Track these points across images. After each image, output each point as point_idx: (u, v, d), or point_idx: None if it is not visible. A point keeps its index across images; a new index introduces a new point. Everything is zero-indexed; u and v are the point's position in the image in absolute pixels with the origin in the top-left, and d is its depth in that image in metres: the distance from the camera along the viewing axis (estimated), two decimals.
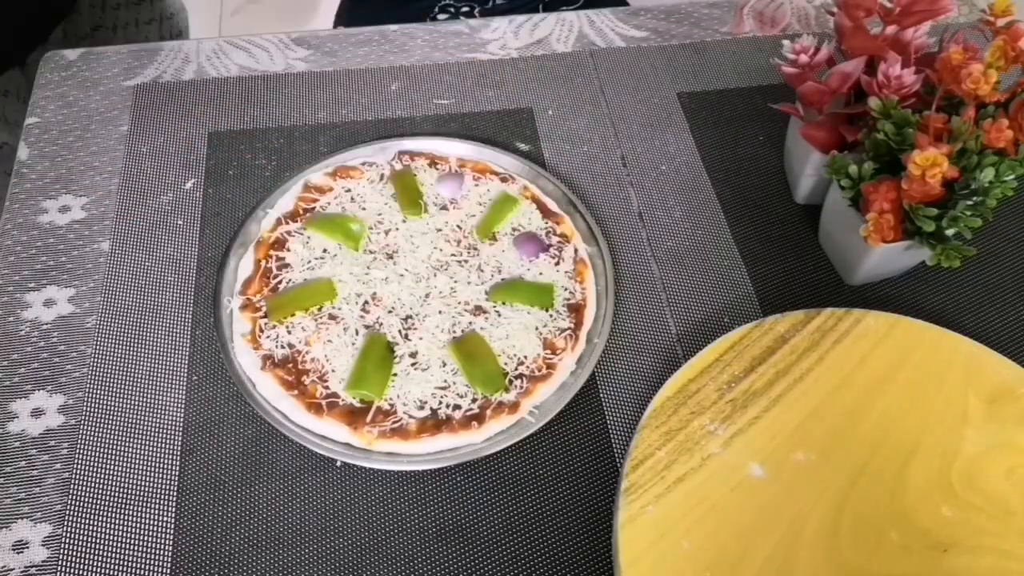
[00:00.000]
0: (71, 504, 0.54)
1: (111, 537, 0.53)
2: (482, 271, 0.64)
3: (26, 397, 0.58)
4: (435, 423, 0.56)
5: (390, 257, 0.64)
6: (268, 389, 0.57)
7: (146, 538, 0.53)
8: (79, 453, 0.56)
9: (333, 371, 0.58)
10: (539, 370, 0.58)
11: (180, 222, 0.67)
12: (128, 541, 0.53)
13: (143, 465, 0.55)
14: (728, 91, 0.79)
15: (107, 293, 0.63)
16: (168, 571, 0.52)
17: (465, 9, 1.04)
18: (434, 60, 0.80)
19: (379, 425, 0.55)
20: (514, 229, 0.66)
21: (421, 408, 0.56)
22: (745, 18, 0.86)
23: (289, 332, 0.59)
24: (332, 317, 0.60)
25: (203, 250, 0.66)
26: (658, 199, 0.71)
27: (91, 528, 0.53)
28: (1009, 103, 0.58)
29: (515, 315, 0.61)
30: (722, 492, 0.53)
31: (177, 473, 0.55)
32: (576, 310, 0.62)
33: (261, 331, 0.59)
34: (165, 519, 0.53)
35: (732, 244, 0.69)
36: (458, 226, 0.66)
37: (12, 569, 0.51)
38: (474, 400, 0.57)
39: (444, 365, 0.58)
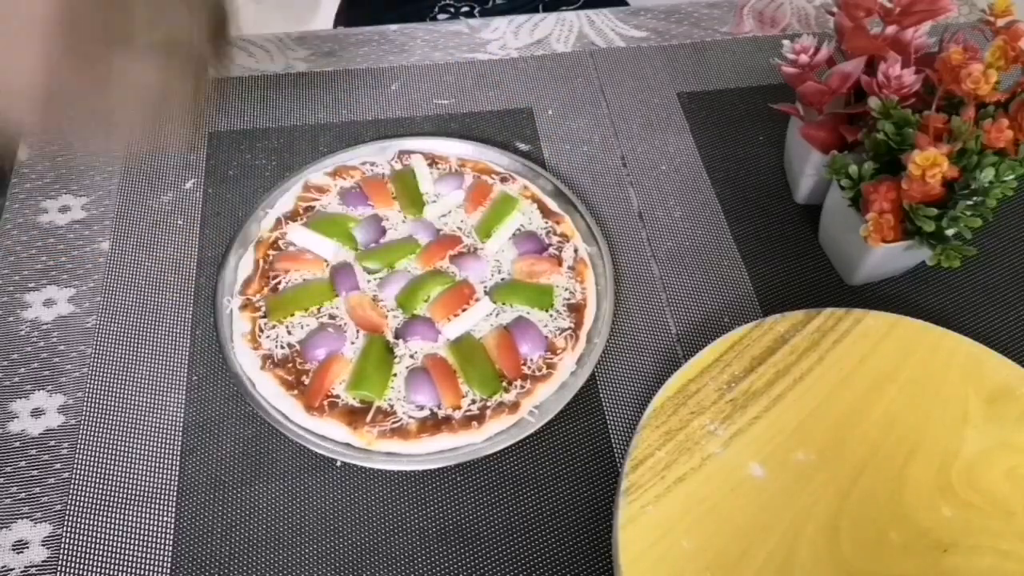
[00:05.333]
0: (71, 504, 0.54)
1: (111, 537, 0.53)
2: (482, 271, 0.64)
3: (26, 397, 0.58)
4: (435, 423, 0.56)
5: None
6: (268, 389, 0.57)
7: (146, 538, 0.53)
8: (79, 453, 0.56)
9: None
10: (539, 370, 0.58)
11: (180, 222, 0.67)
12: (128, 541, 0.53)
13: (143, 465, 0.55)
14: (728, 91, 0.79)
15: (107, 293, 0.63)
16: (168, 571, 0.52)
17: (465, 9, 1.04)
18: (434, 60, 0.80)
19: (379, 425, 0.55)
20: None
21: (421, 408, 0.56)
22: (745, 18, 0.86)
23: (289, 332, 0.59)
24: (332, 317, 0.60)
25: (203, 250, 0.66)
26: (658, 199, 0.71)
27: (91, 528, 0.53)
28: (1009, 103, 0.58)
29: (515, 315, 0.61)
30: (722, 492, 0.53)
31: (177, 473, 0.55)
32: (576, 310, 0.61)
33: (261, 331, 0.59)
34: (165, 519, 0.53)
35: (732, 244, 0.69)
36: (458, 226, 0.66)
37: (12, 569, 0.51)
38: (474, 400, 0.57)
39: None
